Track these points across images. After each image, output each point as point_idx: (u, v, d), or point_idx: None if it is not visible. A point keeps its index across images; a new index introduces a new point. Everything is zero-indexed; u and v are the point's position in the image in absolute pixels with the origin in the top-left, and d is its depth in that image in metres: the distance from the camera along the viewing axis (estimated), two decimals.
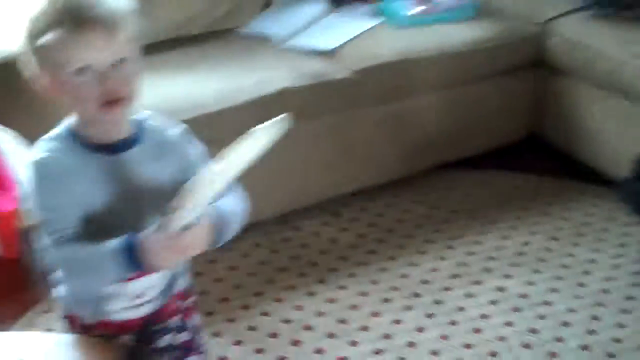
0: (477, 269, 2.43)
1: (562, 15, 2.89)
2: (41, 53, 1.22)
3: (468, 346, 2.14)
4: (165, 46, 2.62)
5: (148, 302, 1.38)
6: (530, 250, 2.52)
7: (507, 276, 2.40)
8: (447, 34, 2.76)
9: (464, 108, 2.81)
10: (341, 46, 2.66)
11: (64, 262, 1.28)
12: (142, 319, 1.39)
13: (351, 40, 2.69)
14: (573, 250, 2.52)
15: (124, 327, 1.39)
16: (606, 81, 2.69)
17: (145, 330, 1.41)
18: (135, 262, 1.21)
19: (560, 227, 2.63)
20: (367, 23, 2.79)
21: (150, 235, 1.20)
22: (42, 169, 1.26)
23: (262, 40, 2.70)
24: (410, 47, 2.67)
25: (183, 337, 1.46)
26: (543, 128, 3.00)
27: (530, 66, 2.92)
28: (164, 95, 2.30)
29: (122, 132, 1.31)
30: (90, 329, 1.40)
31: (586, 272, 2.42)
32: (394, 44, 2.67)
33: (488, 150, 2.88)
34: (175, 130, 1.37)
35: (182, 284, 1.44)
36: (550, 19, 2.88)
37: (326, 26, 2.80)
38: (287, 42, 2.69)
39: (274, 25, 2.77)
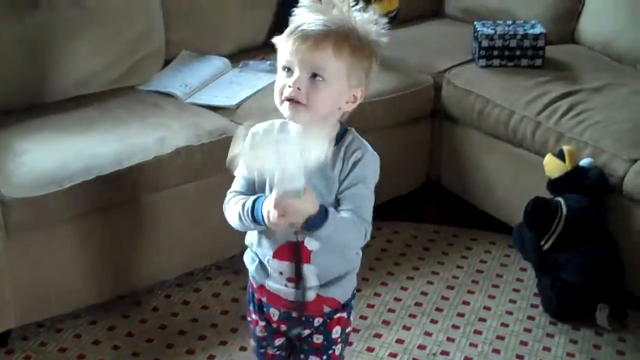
0: (376, 321, 2.48)
1: (454, 66, 3.02)
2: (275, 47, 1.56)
3: None
4: (66, 105, 2.63)
5: (296, 288, 1.60)
6: (428, 300, 2.59)
7: (406, 328, 2.46)
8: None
9: None
10: (241, 102, 2.70)
11: (227, 205, 1.62)
12: (290, 302, 1.63)
13: (252, 96, 2.74)
14: (468, 298, 2.61)
15: (276, 300, 1.65)
16: (496, 129, 2.82)
17: (290, 314, 1.65)
18: (257, 216, 1.51)
19: (456, 275, 2.72)
20: (268, 79, 2.81)
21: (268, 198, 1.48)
22: (253, 137, 1.58)
23: (163, 98, 2.72)
24: None
25: (318, 339, 1.69)
26: (440, 176, 3.11)
27: (427, 116, 3.04)
28: (61, 157, 2.32)
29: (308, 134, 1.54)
30: (255, 293, 1.70)
31: (481, 320, 2.51)
32: None
33: (387, 200, 2.96)
34: (359, 154, 1.58)
35: (336, 293, 1.65)
36: (443, 71, 3.01)
37: (227, 82, 2.84)
38: (187, 99, 2.72)
39: (175, 82, 2.80)
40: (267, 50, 3.11)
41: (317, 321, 1.67)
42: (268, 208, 1.46)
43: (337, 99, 1.54)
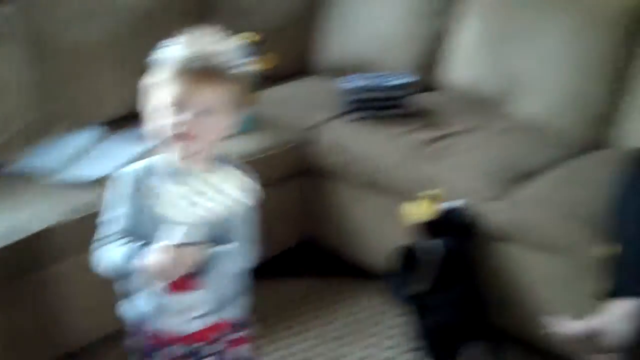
0: None
1: (323, 122, 3.08)
2: (150, 88, 1.66)
3: None
4: None
5: (194, 319, 1.69)
6: (311, 356, 2.61)
7: None
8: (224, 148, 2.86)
9: None
10: (111, 173, 2.69)
11: (103, 254, 1.69)
12: (188, 336, 1.70)
13: (122, 165, 2.73)
14: (348, 349, 2.64)
15: (172, 339, 1.71)
16: (365, 180, 2.89)
17: (190, 346, 1.72)
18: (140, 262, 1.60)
19: (333, 328, 2.75)
20: (139, 148, 2.77)
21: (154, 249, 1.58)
22: (117, 182, 1.71)
23: (30, 177, 2.69)
24: None
25: None
26: (314, 232, 3.15)
27: (299, 173, 3.08)
28: None
29: (196, 164, 1.66)
30: (148, 340, 1.73)
31: None
32: None
33: (262, 260, 2.98)
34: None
35: (231, 314, 1.75)
36: (312, 127, 3.07)
37: (98, 155, 2.83)
38: (56, 176, 2.70)
39: (43, 159, 2.78)
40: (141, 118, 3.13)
41: (220, 345, 1.74)
42: (156, 258, 1.56)
43: (223, 129, 1.67)
